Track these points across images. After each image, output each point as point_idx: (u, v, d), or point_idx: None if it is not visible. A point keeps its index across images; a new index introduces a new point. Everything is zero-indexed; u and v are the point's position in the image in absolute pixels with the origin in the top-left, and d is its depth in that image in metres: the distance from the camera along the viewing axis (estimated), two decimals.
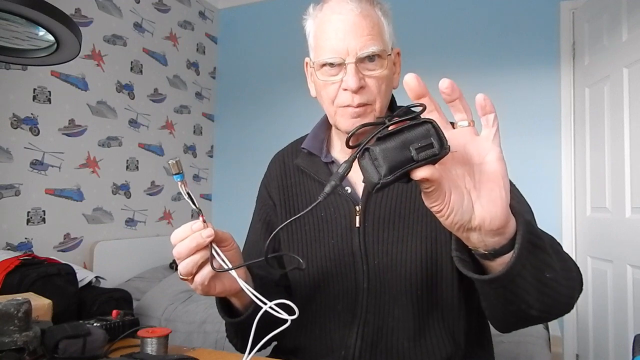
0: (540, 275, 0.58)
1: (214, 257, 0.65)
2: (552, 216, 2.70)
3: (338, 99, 0.81)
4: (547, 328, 1.99)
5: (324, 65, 0.81)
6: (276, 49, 3.51)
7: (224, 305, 0.78)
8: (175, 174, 0.63)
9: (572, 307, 0.66)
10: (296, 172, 0.95)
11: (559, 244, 0.70)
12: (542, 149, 2.78)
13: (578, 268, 0.70)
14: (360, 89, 0.79)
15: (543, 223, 0.69)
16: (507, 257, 0.54)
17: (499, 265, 0.55)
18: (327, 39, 0.80)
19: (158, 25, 3.17)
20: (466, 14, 3.01)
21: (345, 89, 0.79)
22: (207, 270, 0.65)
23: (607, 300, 2.29)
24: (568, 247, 2.66)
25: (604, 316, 2.33)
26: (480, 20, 2.98)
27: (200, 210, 0.65)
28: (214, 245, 0.66)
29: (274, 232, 0.58)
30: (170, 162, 0.63)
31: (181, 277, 0.66)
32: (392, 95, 0.90)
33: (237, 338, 0.84)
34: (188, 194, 0.64)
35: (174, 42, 3.32)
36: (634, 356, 1.37)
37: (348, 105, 0.80)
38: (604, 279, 2.34)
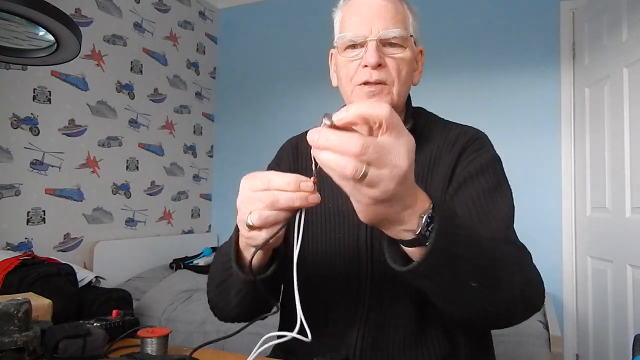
0: (456, 285, 0.59)
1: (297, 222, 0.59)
2: (552, 216, 2.69)
3: (356, 76, 0.83)
4: (547, 328, 1.99)
5: (347, 47, 0.84)
6: (276, 49, 3.51)
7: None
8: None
9: (510, 322, 0.69)
10: (308, 159, 0.94)
11: (517, 254, 0.71)
12: (542, 148, 2.78)
13: (533, 280, 0.70)
14: (379, 67, 0.81)
15: (543, 223, 0.68)
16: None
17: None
18: (352, 21, 0.83)
19: (158, 25, 3.17)
20: (466, 14, 3.01)
21: (365, 66, 0.81)
22: (278, 228, 0.59)
23: (607, 300, 2.29)
24: (568, 247, 2.66)
25: (604, 316, 2.33)
26: (480, 20, 2.98)
27: (317, 172, 0.56)
28: (303, 213, 0.59)
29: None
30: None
31: (250, 224, 0.59)
32: (409, 95, 0.91)
33: (238, 295, 0.76)
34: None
35: (174, 42, 3.32)
36: (634, 356, 1.37)
37: (365, 83, 0.82)
38: (604, 279, 2.34)
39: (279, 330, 0.92)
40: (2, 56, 0.98)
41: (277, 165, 0.99)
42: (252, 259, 0.64)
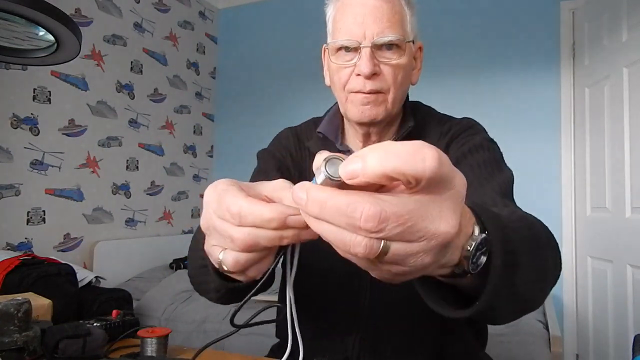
0: (514, 295, 0.47)
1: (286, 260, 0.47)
2: (552, 216, 2.69)
3: (349, 84, 0.79)
4: (547, 328, 1.99)
5: (339, 49, 0.79)
6: (276, 49, 3.51)
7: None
8: None
9: (540, 304, 0.56)
10: (308, 156, 0.90)
11: (534, 223, 0.57)
12: (542, 148, 2.78)
13: (553, 248, 0.57)
14: (373, 76, 0.76)
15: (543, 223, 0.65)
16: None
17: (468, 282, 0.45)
18: (345, 22, 0.78)
19: (158, 25, 3.17)
20: (466, 14, 3.01)
21: (359, 74, 0.77)
22: (265, 265, 0.44)
23: (607, 300, 2.29)
24: (568, 247, 2.67)
25: (604, 316, 2.33)
26: (481, 20, 2.98)
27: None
28: (297, 247, 0.46)
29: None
30: None
31: (224, 268, 0.43)
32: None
33: (217, 293, 0.62)
34: None
35: (174, 42, 3.32)
36: (634, 356, 1.37)
37: (359, 91, 0.78)
38: (604, 279, 2.34)
39: (277, 330, 0.92)
40: (2, 56, 0.98)
41: (275, 155, 0.91)
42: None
